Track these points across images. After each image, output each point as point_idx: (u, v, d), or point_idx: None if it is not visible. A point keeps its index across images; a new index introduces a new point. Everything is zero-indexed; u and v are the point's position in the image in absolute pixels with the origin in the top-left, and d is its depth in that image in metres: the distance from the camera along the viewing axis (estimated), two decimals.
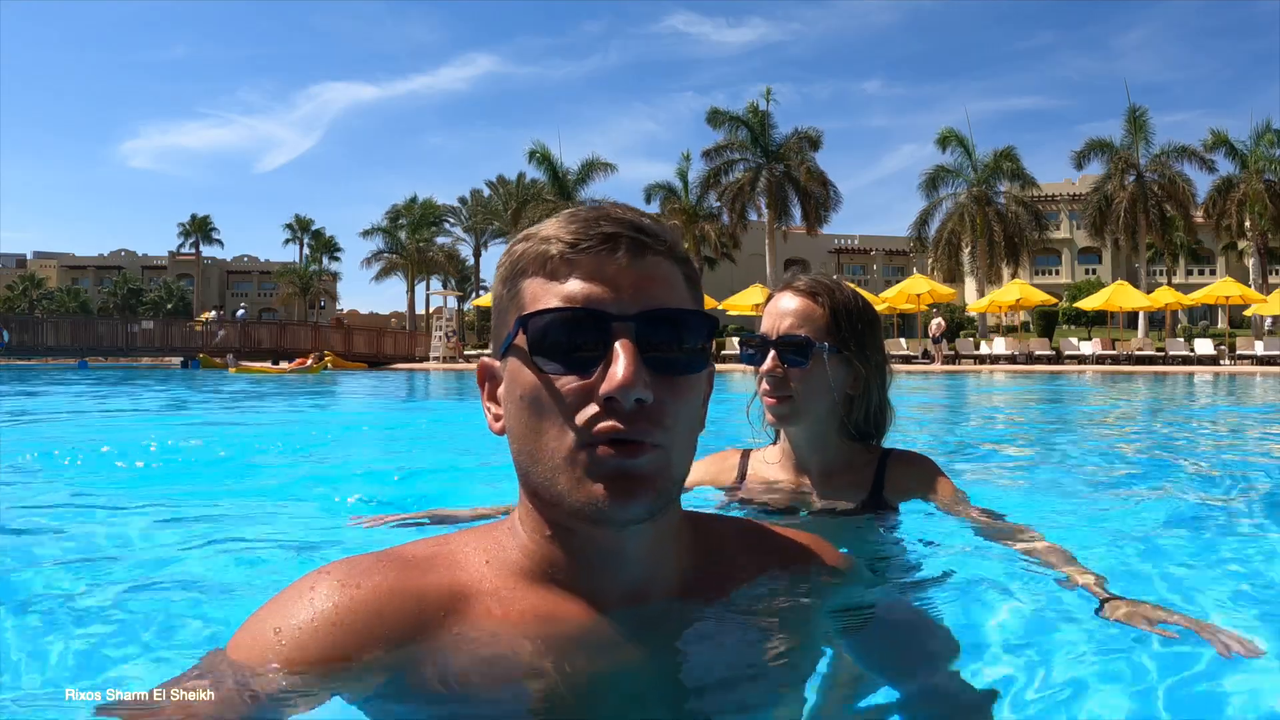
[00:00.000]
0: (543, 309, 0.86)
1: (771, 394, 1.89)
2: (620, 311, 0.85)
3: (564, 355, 0.85)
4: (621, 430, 0.84)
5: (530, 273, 0.89)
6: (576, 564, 0.92)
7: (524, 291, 0.89)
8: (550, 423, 0.86)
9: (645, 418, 0.84)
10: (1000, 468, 4.11)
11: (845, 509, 1.93)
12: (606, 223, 0.88)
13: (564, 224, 0.89)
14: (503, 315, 0.92)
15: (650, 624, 0.94)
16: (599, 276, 0.86)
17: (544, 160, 42.53)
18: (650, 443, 0.85)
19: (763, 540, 1.08)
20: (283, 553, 2.14)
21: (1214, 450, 5.19)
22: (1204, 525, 2.45)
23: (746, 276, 40.23)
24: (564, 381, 0.85)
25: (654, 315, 0.86)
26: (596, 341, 0.85)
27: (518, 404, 0.89)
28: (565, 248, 0.87)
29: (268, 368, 26.03)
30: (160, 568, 2.00)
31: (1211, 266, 50.22)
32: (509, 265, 0.92)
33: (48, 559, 2.10)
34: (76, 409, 9.19)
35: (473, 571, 0.93)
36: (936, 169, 38.83)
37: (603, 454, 0.84)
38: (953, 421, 7.89)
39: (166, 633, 1.52)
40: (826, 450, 1.97)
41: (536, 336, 0.86)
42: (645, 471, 0.85)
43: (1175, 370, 23.31)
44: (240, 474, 3.87)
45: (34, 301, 69.03)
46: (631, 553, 0.92)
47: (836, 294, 1.93)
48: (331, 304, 72.61)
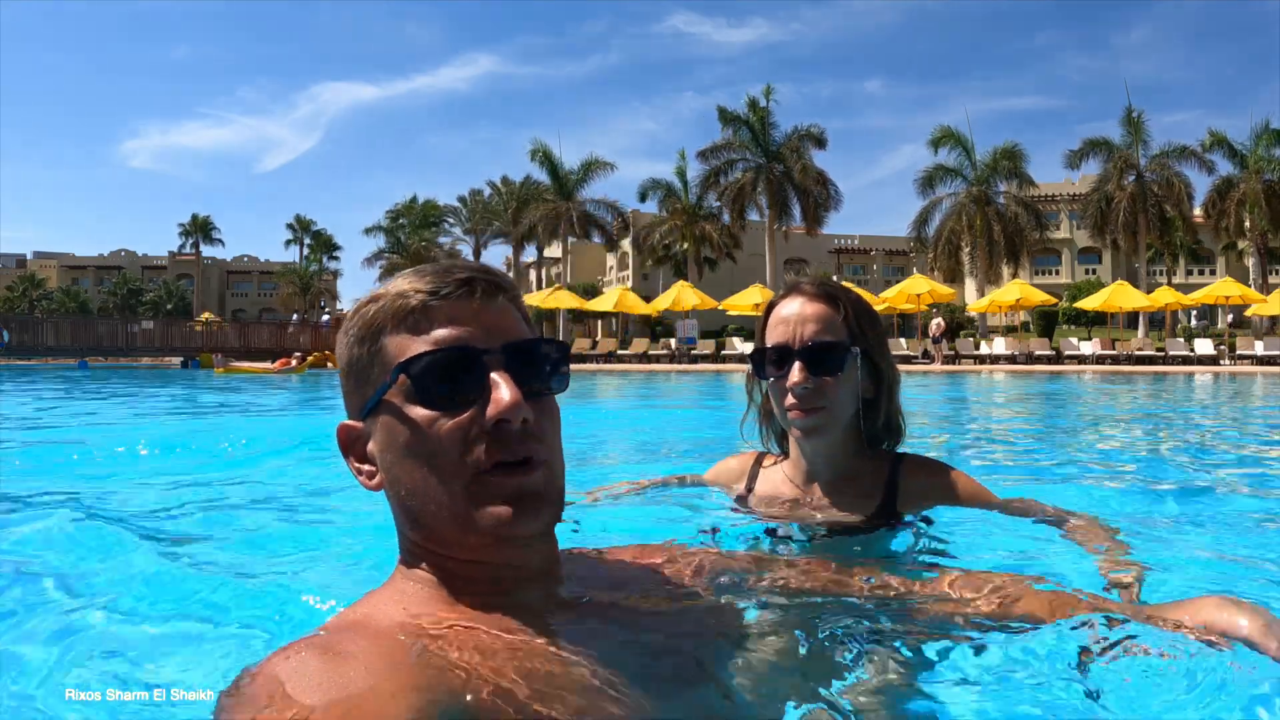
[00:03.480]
0: (419, 353, 0.91)
1: (801, 407, 1.74)
2: (488, 346, 0.93)
3: (444, 394, 0.91)
4: (512, 452, 0.90)
5: (390, 329, 0.94)
6: (493, 585, 0.95)
7: (387, 347, 0.94)
8: (443, 460, 0.90)
9: (530, 437, 0.92)
10: (1000, 468, 4.11)
11: (852, 523, 1.80)
12: (459, 271, 0.95)
13: (415, 279, 0.95)
14: (363, 375, 0.96)
15: (587, 623, 0.98)
16: (462, 319, 0.93)
17: (546, 160, 42.51)
18: (538, 459, 0.92)
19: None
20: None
21: (1214, 450, 5.18)
22: (1205, 525, 2.45)
23: (746, 276, 40.17)
24: (448, 419, 0.90)
25: (517, 347, 0.94)
26: (473, 377, 0.91)
27: (401, 452, 0.93)
28: (426, 296, 0.93)
29: (255, 367, 25.83)
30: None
31: (1211, 266, 50.19)
32: (362, 327, 0.96)
33: (45, 558, 2.10)
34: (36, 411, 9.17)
35: (404, 620, 0.89)
36: (935, 168, 38.81)
37: (500, 479, 0.90)
38: (953, 422, 7.89)
39: (164, 633, 1.52)
40: (841, 460, 1.84)
41: (416, 381, 0.91)
42: (540, 487, 0.92)
43: (1175, 370, 23.30)
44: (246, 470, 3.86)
45: (34, 301, 69.00)
46: (537, 566, 0.98)
47: (850, 293, 1.83)
48: (332, 304, 72.60)
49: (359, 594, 0.98)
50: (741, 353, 31.26)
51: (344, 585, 1.67)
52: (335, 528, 2.45)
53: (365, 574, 1.86)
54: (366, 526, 2.19)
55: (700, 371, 24.11)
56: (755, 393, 1.97)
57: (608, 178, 43.46)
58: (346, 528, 2.39)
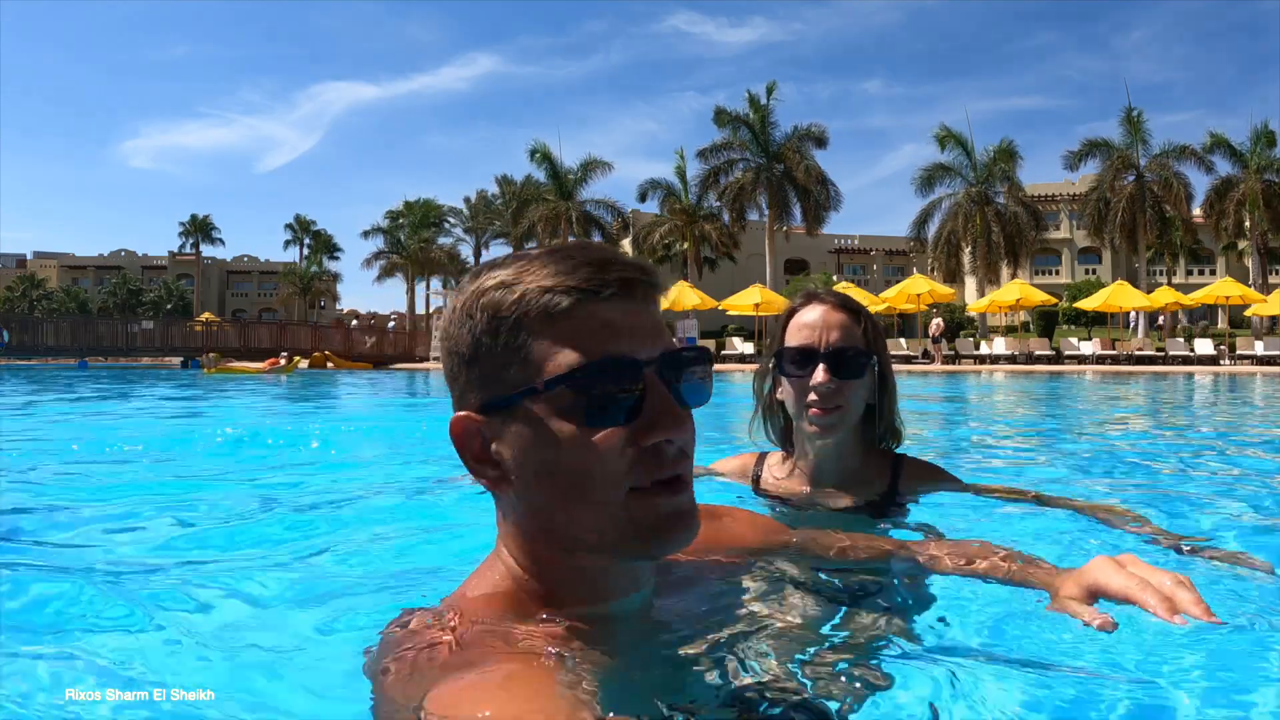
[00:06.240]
0: (581, 365, 0.84)
1: (821, 405, 1.88)
2: (649, 356, 0.87)
3: (607, 407, 0.86)
4: (670, 470, 0.87)
5: (536, 328, 0.86)
6: (596, 593, 0.95)
7: (531, 348, 0.86)
8: (598, 476, 0.86)
9: (682, 455, 0.89)
10: (999, 468, 4.11)
11: (853, 506, 1.97)
12: (616, 266, 0.87)
13: (562, 270, 0.86)
14: (493, 369, 0.88)
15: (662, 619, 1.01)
16: (621, 325, 0.86)
17: (544, 159, 42.52)
18: (687, 477, 0.89)
19: (719, 529, 1.20)
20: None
21: (1214, 449, 5.18)
22: (1205, 524, 2.44)
23: (746, 276, 40.15)
24: (606, 434, 0.86)
25: (676, 356, 0.89)
26: (634, 391, 0.86)
27: (547, 463, 0.87)
28: (581, 296, 0.85)
29: (245, 367, 25.72)
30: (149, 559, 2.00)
31: (1211, 266, 50.19)
32: (494, 316, 0.87)
33: (42, 557, 2.10)
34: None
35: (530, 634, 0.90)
36: (934, 167, 38.81)
37: (659, 499, 0.87)
38: (952, 422, 7.89)
39: (166, 631, 1.52)
40: (848, 458, 1.99)
41: (578, 395, 0.85)
42: (689, 507, 0.90)
43: (1175, 370, 23.30)
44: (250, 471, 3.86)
45: (34, 301, 68.97)
46: (641, 572, 0.98)
47: (864, 309, 1.99)
48: (332, 304, 72.56)
49: (360, 591, 0.98)
50: (741, 353, 31.25)
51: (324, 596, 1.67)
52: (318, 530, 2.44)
53: (365, 574, 1.86)
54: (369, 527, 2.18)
55: None
56: (763, 391, 2.06)
57: (608, 178, 43.72)
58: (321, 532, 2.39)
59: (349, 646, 1.27)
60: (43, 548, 2.25)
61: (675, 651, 1.01)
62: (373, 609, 1.47)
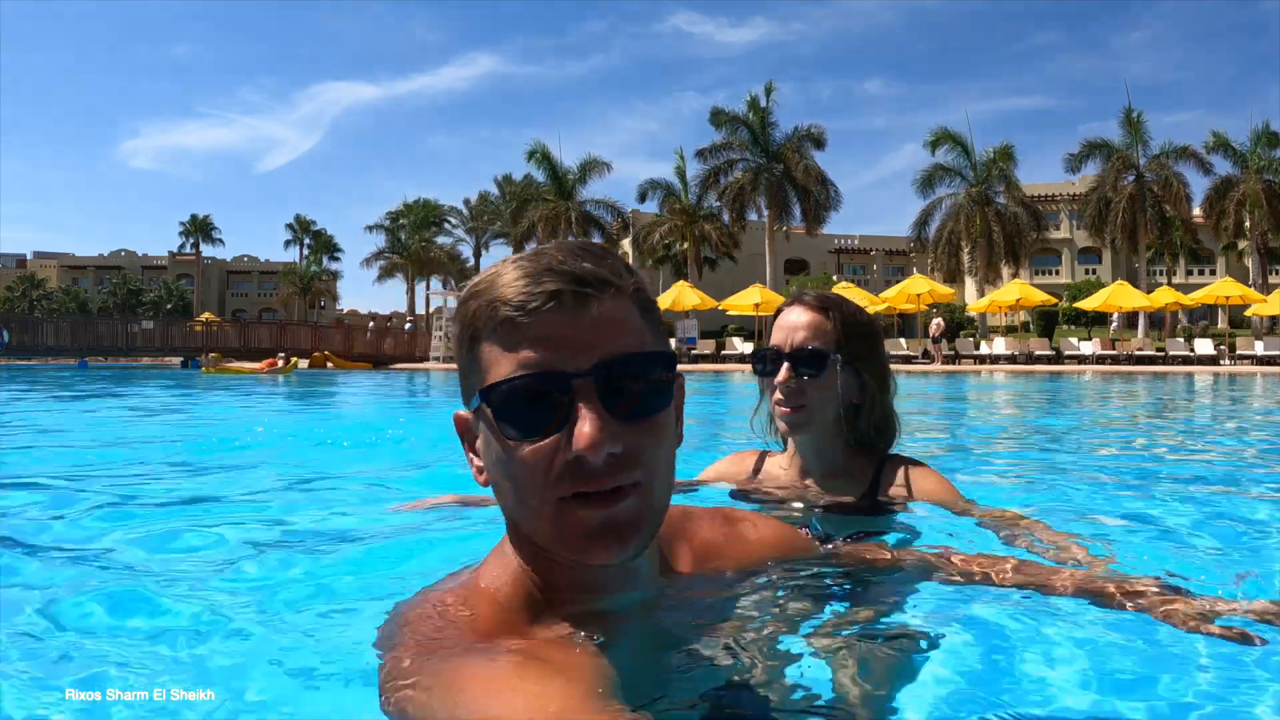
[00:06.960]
0: (500, 380, 0.87)
1: (785, 403, 1.95)
2: (577, 368, 0.85)
3: (528, 421, 0.87)
4: (599, 483, 0.86)
5: (485, 335, 0.89)
6: (587, 587, 0.96)
7: (482, 357, 0.90)
8: (528, 483, 0.88)
9: (620, 465, 0.86)
10: (1000, 468, 4.10)
11: (841, 503, 2.00)
12: (549, 277, 0.86)
13: (510, 280, 0.88)
14: (466, 375, 0.94)
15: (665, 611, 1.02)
16: (550, 337, 0.86)
17: (543, 160, 42.51)
18: (628, 485, 0.87)
19: (734, 531, 1.20)
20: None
21: (1214, 449, 5.18)
22: (1205, 523, 2.44)
23: (746, 276, 40.13)
24: (531, 446, 0.87)
25: (611, 365, 0.86)
26: (558, 404, 0.86)
27: (493, 465, 0.92)
28: (512, 310, 0.86)
29: (242, 367, 25.63)
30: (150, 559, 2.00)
31: (1211, 266, 50.16)
32: (465, 324, 0.92)
33: (41, 556, 2.10)
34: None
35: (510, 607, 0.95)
36: (934, 168, 38.82)
37: (583, 510, 0.87)
38: (952, 422, 7.89)
39: (162, 632, 1.52)
40: (831, 457, 2.03)
41: (499, 407, 0.88)
42: (627, 517, 0.88)
43: (1175, 370, 23.29)
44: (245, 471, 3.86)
45: (34, 301, 68.95)
46: (635, 572, 0.98)
47: (844, 307, 2.02)
48: (332, 304, 72.56)
49: (360, 591, 0.98)
50: (741, 353, 31.25)
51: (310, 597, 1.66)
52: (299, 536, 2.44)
53: (365, 577, 1.86)
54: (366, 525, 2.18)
55: (700, 371, 24.10)
56: (763, 388, 2.10)
57: (608, 178, 43.57)
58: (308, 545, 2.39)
59: (349, 646, 1.27)
60: (43, 548, 2.24)
61: (673, 649, 1.02)
62: (373, 609, 1.47)
